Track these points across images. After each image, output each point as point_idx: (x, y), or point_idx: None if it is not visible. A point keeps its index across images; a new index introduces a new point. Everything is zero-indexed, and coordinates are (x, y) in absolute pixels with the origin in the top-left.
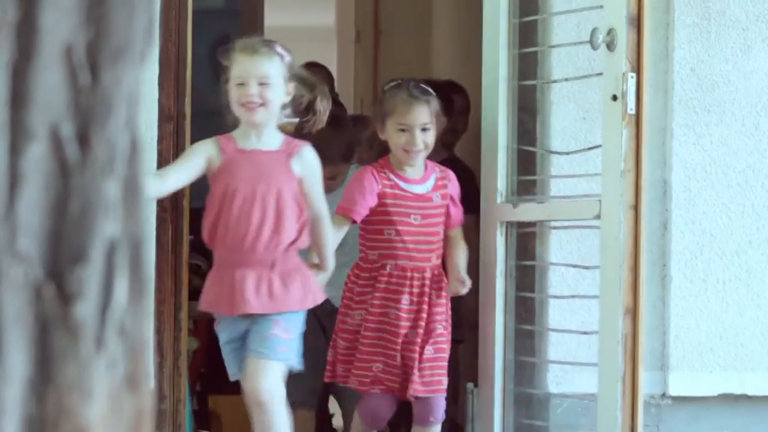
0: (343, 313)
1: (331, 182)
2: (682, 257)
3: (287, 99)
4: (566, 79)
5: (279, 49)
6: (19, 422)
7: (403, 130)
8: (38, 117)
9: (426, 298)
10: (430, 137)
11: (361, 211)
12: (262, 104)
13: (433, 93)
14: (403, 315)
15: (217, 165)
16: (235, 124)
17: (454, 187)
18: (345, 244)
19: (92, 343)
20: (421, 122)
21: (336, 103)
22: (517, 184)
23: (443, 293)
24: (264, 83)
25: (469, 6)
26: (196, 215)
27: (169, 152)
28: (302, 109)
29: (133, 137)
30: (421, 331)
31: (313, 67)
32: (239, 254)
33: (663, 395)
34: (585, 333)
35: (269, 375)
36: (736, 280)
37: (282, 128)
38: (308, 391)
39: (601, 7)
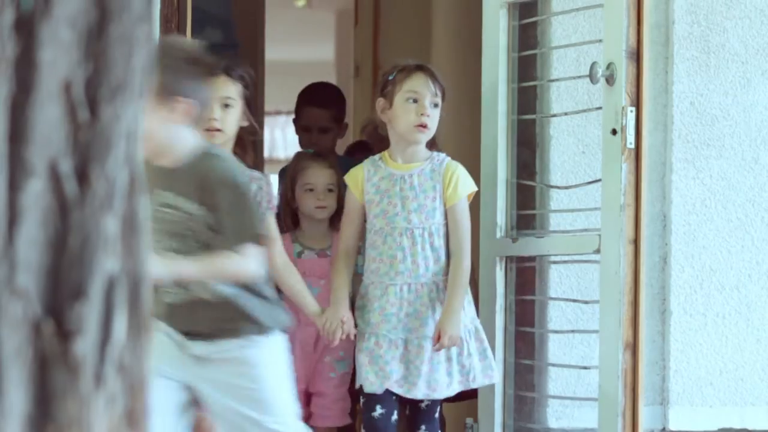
0: None
1: None
2: (681, 291)
3: None
4: (566, 113)
5: None
6: None
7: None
8: (37, 153)
9: None
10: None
11: None
12: None
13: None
14: None
15: None
16: None
17: None
18: None
19: (91, 379)
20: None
21: None
22: (516, 218)
23: None
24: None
25: (469, 41)
26: None
27: None
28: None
29: (132, 173)
30: None
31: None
32: None
33: (663, 430)
34: (585, 368)
35: None
36: (736, 315)
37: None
38: None
39: (601, 41)
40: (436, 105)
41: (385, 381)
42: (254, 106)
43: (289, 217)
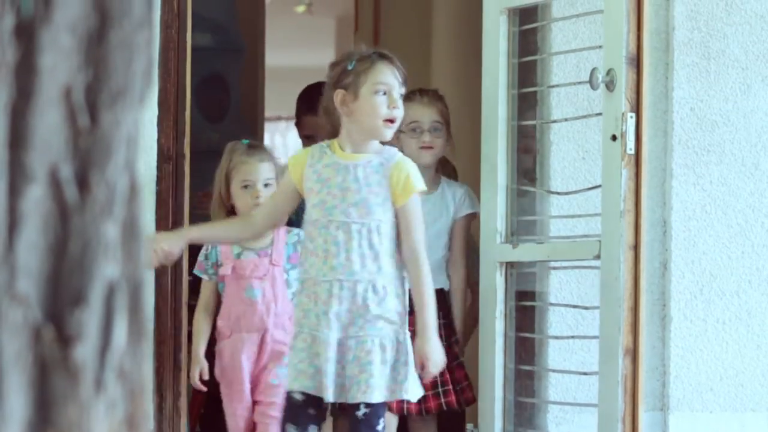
0: None
1: None
2: (682, 297)
3: None
4: (566, 119)
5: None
6: None
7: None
8: (37, 158)
9: None
10: None
11: None
12: None
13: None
14: None
15: None
16: None
17: None
18: None
19: (92, 385)
20: None
21: None
22: (516, 224)
23: None
24: None
25: (469, 47)
26: (195, 253)
27: (169, 193)
28: None
29: (132, 179)
30: None
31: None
32: None
33: None
34: (585, 373)
35: None
36: (736, 320)
37: None
38: None
39: (601, 47)
40: (401, 95)
41: (309, 381)
42: None
43: (224, 217)
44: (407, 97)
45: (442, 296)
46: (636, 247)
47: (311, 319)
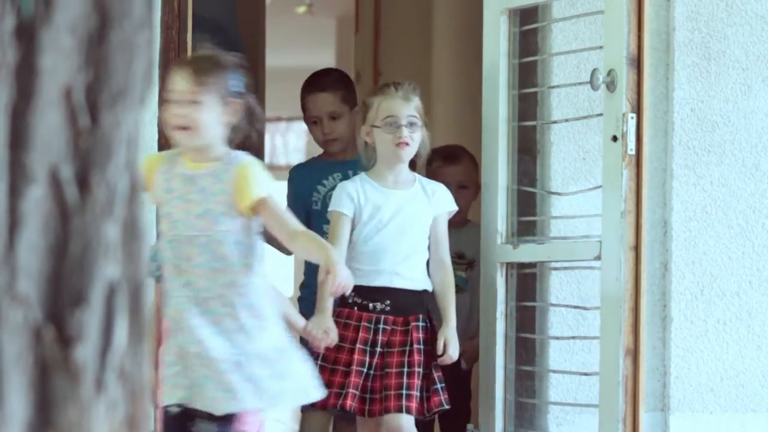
0: None
1: None
2: (682, 298)
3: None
4: (566, 120)
5: None
6: None
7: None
8: (38, 159)
9: None
10: None
11: None
12: None
13: None
14: None
15: None
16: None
17: None
18: None
19: (92, 385)
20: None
21: None
22: (517, 225)
23: None
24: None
25: (469, 47)
26: None
27: None
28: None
29: (132, 179)
30: None
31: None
32: None
33: None
34: (585, 374)
35: None
36: (737, 321)
37: None
38: None
39: (601, 47)
40: (194, 102)
41: (184, 393)
42: None
43: None
44: (381, 90)
45: (425, 298)
46: (636, 248)
47: (180, 332)
